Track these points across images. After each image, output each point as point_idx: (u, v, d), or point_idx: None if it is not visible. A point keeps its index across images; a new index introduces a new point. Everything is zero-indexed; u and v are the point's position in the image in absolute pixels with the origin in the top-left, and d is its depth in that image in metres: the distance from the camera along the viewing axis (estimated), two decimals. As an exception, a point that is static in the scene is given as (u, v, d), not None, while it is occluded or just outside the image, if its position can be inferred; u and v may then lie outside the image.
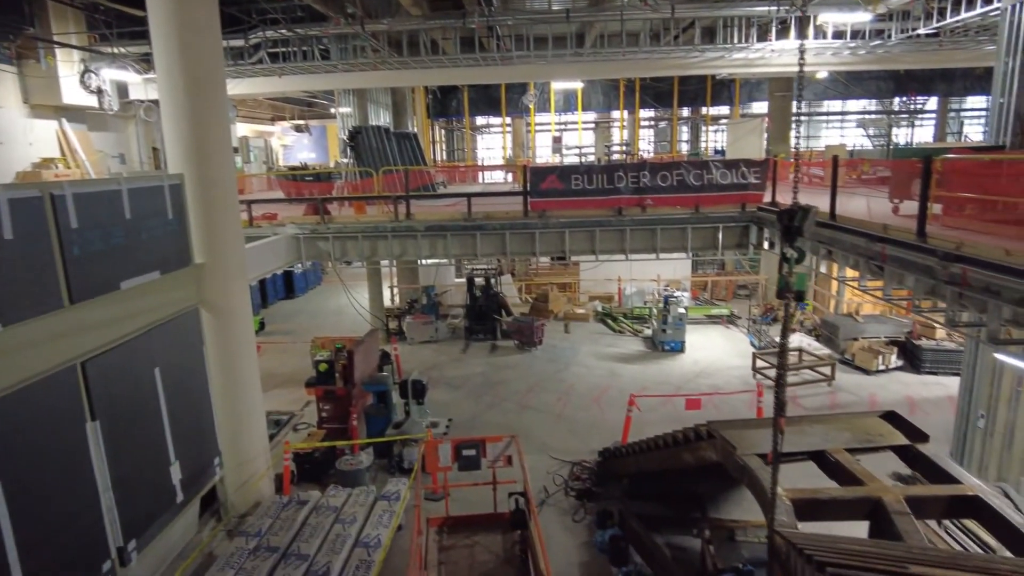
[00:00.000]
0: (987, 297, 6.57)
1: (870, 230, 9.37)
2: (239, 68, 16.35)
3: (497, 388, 16.35)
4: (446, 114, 30.69)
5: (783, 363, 4.64)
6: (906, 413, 14.73)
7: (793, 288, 4.20)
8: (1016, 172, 7.49)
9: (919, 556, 2.80)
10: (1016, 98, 10.29)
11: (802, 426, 7.54)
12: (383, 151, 18.10)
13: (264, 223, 14.45)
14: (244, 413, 10.83)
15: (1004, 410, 10.82)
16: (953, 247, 7.63)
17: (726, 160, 13.93)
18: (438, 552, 7.38)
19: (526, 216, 13.49)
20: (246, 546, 9.50)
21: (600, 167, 13.90)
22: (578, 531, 10.27)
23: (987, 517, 5.90)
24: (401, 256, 14.09)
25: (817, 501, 6.04)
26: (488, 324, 19.84)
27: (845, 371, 16.59)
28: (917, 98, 30.44)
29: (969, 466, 11.72)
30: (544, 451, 12.90)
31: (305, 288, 28.11)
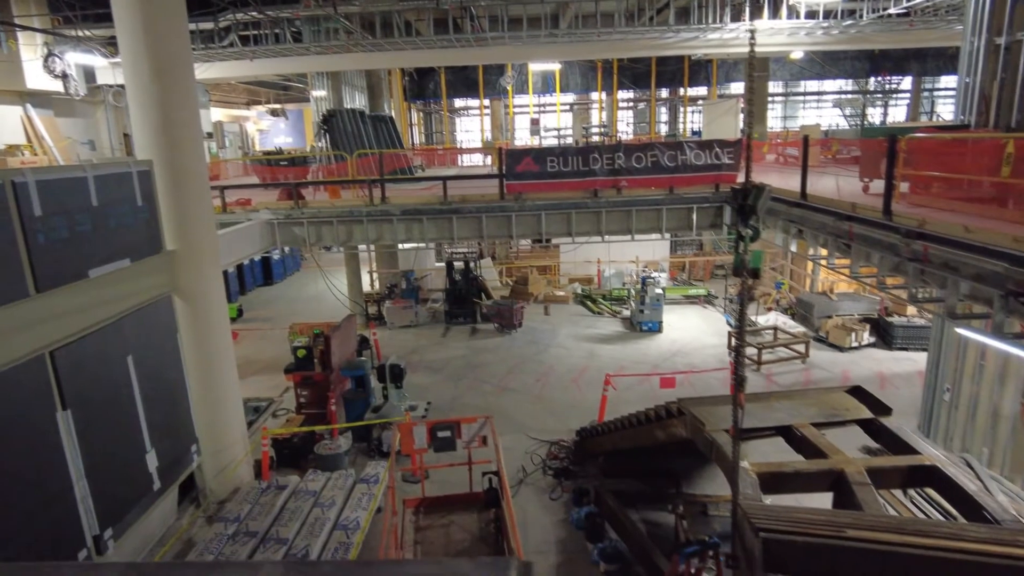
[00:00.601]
0: (946, 273, 6.73)
1: (839, 209, 9.52)
2: (209, 51, 16.08)
3: (477, 371, 16.43)
4: (423, 96, 30.43)
5: (741, 340, 4.75)
6: (877, 388, 15.16)
7: (748, 266, 4.28)
8: (975, 151, 7.63)
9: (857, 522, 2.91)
10: (981, 78, 10.46)
11: (771, 402, 7.70)
12: (358, 134, 17.94)
13: (238, 209, 14.32)
14: (221, 400, 10.81)
15: (968, 383, 11.11)
16: (916, 224, 7.79)
17: (700, 141, 14.00)
18: (414, 532, 7.47)
19: (502, 199, 13.49)
20: (225, 531, 9.55)
21: (575, 149, 13.90)
22: (555, 509, 10.42)
23: (944, 486, 6.11)
24: (377, 241, 14.05)
25: (782, 474, 6.19)
26: (468, 308, 19.87)
27: (819, 348, 16.89)
28: (891, 78, 30.71)
29: (935, 438, 12.05)
30: (523, 431, 13.03)
31: (283, 274, 27.89)
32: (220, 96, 31.64)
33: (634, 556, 8.75)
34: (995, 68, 10.14)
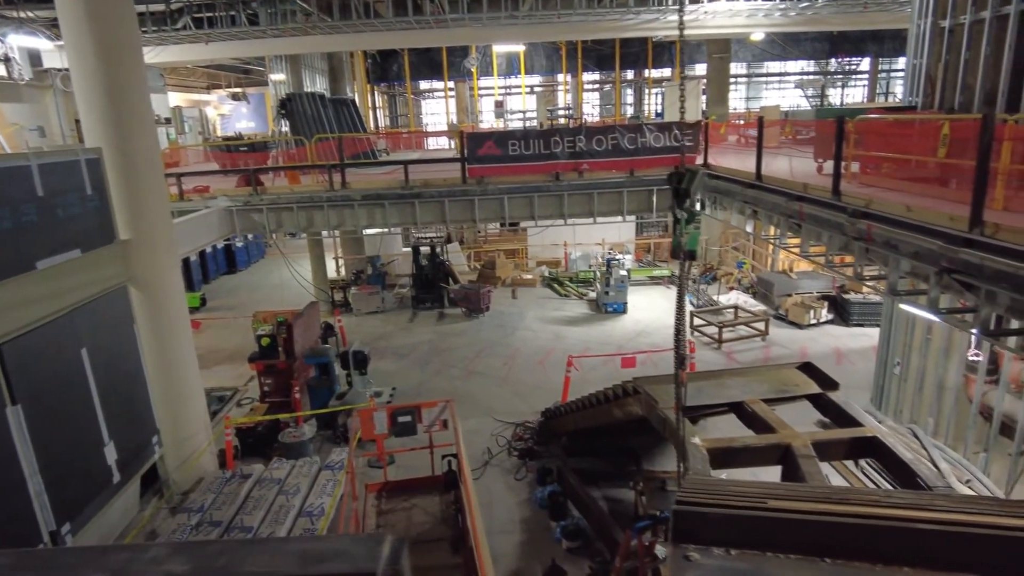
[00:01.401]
0: (888, 251, 6.95)
1: (791, 189, 9.73)
2: (161, 35, 15.65)
3: (444, 355, 16.49)
4: (387, 79, 30.03)
5: (680, 322, 4.87)
6: (833, 363, 15.59)
7: (685, 248, 4.39)
8: (916, 132, 7.86)
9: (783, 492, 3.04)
10: (927, 60, 10.73)
11: (724, 379, 7.91)
12: (318, 118, 17.69)
13: (195, 196, 14.06)
14: (181, 390, 10.70)
15: (916, 357, 11.52)
16: (863, 204, 8.01)
17: (659, 123, 14.12)
18: (376, 516, 7.54)
19: (464, 183, 13.48)
20: (188, 522, 9.50)
21: (537, 132, 13.93)
22: (520, 489, 10.59)
23: (883, 455, 6.37)
24: (339, 226, 13.94)
25: (731, 449, 6.40)
26: (435, 292, 19.87)
27: (779, 326, 17.30)
28: (850, 59, 31.22)
29: (886, 410, 12.49)
30: (489, 414, 13.16)
31: (247, 262, 27.48)
32: (178, 80, 30.83)
33: (595, 532, 8.96)
34: (940, 50, 10.41)
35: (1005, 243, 5.78)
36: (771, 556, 2.12)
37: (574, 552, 8.80)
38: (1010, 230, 5.93)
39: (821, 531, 2.17)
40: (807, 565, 2.08)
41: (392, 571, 1.12)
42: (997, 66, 9.17)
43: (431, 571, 6.56)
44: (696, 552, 2.14)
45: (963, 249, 5.89)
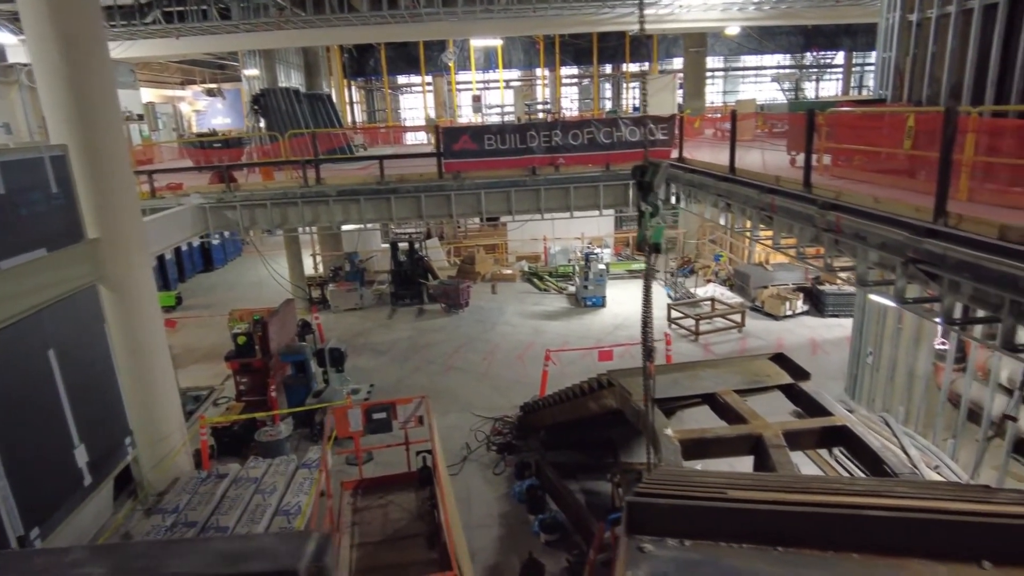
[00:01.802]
0: (856, 242, 7.04)
1: (764, 182, 9.80)
2: (131, 29, 15.36)
3: (423, 351, 16.44)
4: (364, 73, 29.75)
5: (647, 313, 4.90)
6: (809, 354, 15.79)
7: (650, 241, 4.41)
8: (884, 124, 7.96)
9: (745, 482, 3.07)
10: (895, 53, 10.87)
11: (698, 371, 7.97)
12: (293, 114, 17.49)
13: (168, 194, 13.85)
14: (155, 390, 10.55)
15: (888, 347, 11.71)
16: (833, 196, 8.10)
17: (634, 117, 14.16)
18: (352, 514, 7.51)
19: (441, 178, 13.42)
20: (163, 523, 9.39)
21: (513, 127, 13.90)
22: (498, 483, 10.61)
23: (853, 444, 6.47)
24: (313, 223, 13.82)
25: (704, 440, 6.46)
26: (414, 288, 19.79)
27: (756, 318, 17.48)
28: (825, 53, 31.53)
29: (860, 399, 12.69)
30: (468, 409, 13.15)
31: (224, 260, 27.16)
32: (151, 76, 30.25)
33: (572, 525, 9.00)
34: (908, 44, 10.55)
35: (967, 233, 5.88)
36: (724, 546, 2.14)
37: (552, 545, 8.84)
38: (972, 220, 6.03)
39: (773, 520, 2.19)
40: (759, 554, 2.10)
41: (315, 568, 1.11)
42: (963, 59, 9.33)
43: (407, 567, 6.55)
44: (650, 543, 2.15)
45: (927, 240, 5.99)
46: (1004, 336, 5.17)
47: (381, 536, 7.20)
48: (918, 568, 2.02)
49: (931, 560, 2.03)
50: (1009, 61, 8.56)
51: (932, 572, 2.00)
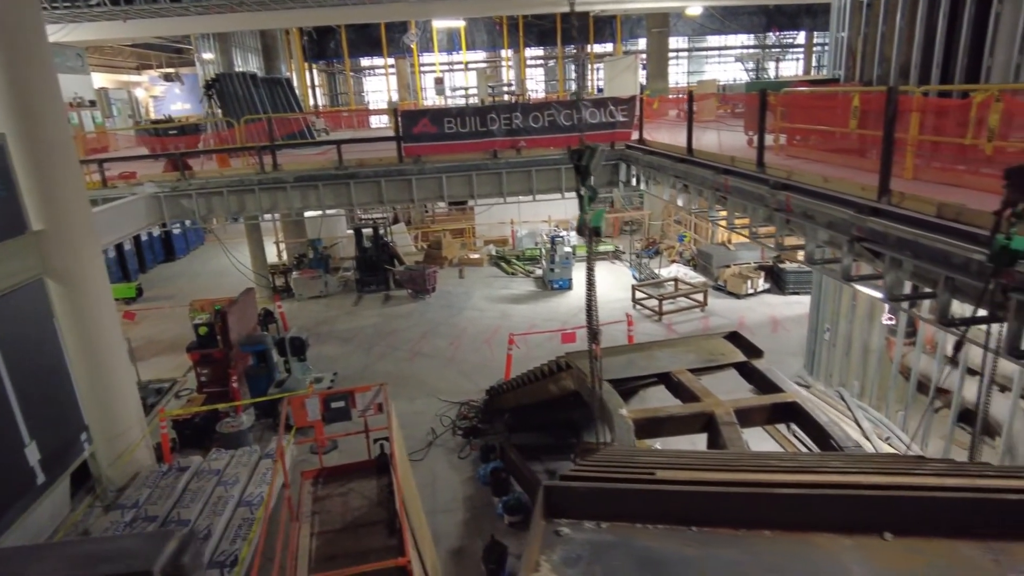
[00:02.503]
0: (805, 221, 7.16)
1: (720, 163, 9.89)
2: (74, 11, 14.79)
3: (389, 338, 16.36)
4: (325, 56, 29.19)
5: (590, 296, 4.94)
6: (770, 331, 16.06)
7: (590, 225, 4.42)
8: (833, 104, 8.07)
9: (674, 461, 3.12)
10: (848, 33, 11.00)
11: (653, 351, 8.07)
12: (250, 99, 17.09)
13: (121, 183, 13.47)
14: (111, 384, 10.35)
15: (844, 323, 11.98)
16: (785, 176, 8.21)
17: (595, 99, 14.15)
18: (312, 503, 7.48)
19: (401, 162, 13.27)
20: (122, 519, 9.29)
21: (473, 109, 13.77)
22: (463, 467, 10.66)
23: (802, 419, 6.62)
24: (272, 210, 13.58)
25: (657, 419, 6.55)
26: (380, 275, 19.63)
27: (718, 297, 17.72)
28: (787, 33, 31.80)
29: (818, 374, 12.99)
30: (434, 395, 13.15)
31: (186, 249, 26.60)
32: (103, 60, 29.26)
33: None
34: (860, 23, 10.68)
35: (908, 211, 6.02)
36: (640, 527, 2.17)
37: (516, 526, 8.93)
38: (913, 198, 6.17)
39: (688, 500, 2.23)
40: (673, 534, 2.14)
41: (172, 569, 1.09)
42: (910, 40, 9.47)
43: (367, 554, 6.55)
44: (567, 527, 2.17)
45: (870, 218, 6.11)
46: (940, 311, 5.31)
47: (341, 524, 7.18)
48: (824, 541, 2.07)
49: (837, 533, 2.10)
50: (953, 41, 8.72)
51: (837, 545, 2.06)
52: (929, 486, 2.28)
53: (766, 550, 2.05)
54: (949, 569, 1.92)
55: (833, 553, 2.02)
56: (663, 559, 2.03)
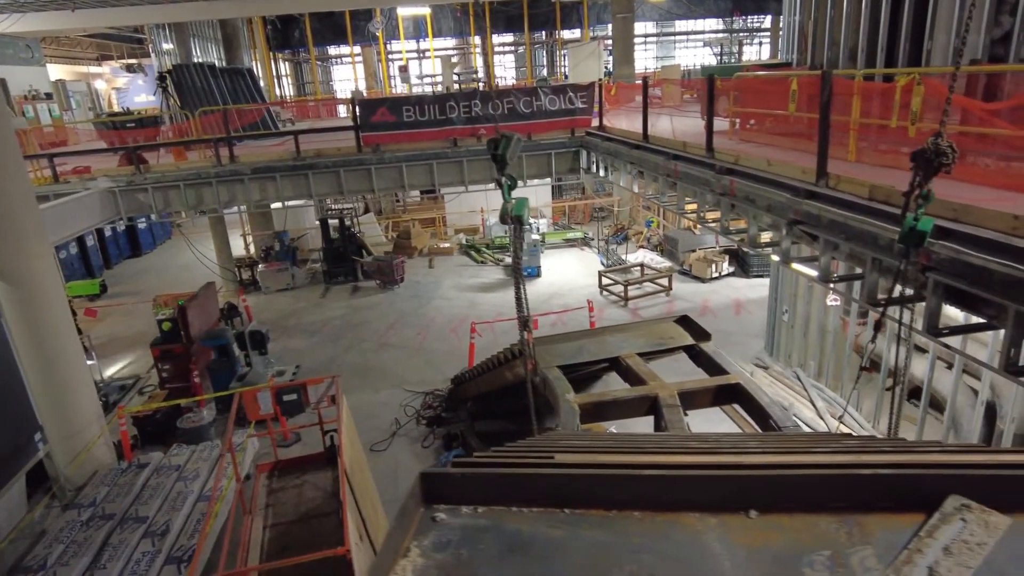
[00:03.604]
0: (747, 205, 7.25)
1: (673, 148, 9.94)
2: (19, 1, 14.40)
3: (357, 329, 16.31)
4: (290, 45, 28.74)
5: (518, 287, 4.98)
6: (733, 314, 16.25)
7: (512, 214, 4.44)
8: (780, 88, 8.14)
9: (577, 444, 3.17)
10: (799, 17, 11.09)
11: (605, 336, 8.15)
12: (209, 91, 16.80)
13: (74, 178, 13.21)
14: (66, 383, 10.20)
15: (801, 304, 12.17)
16: (733, 160, 8.29)
17: (554, 86, 14.14)
18: (267, 495, 7.48)
19: (360, 152, 13.16)
20: (79, 518, 9.19)
21: (432, 97, 13.68)
22: (426, 456, 10.70)
23: (745, 400, 6.74)
24: (230, 203, 13.41)
25: (602, 403, 6.65)
26: (347, 266, 19.51)
27: (684, 281, 17.89)
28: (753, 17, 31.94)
29: (777, 355, 13.20)
30: (400, 385, 13.15)
31: (153, 244, 26.20)
32: (60, 51, 28.52)
33: (494, 493, 9.15)
34: (811, 7, 10.76)
35: (843, 194, 6.12)
36: (515, 511, 2.21)
37: (475, 513, 8.98)
38: (849, 181, 6.28)
39: (560, 483, 2.27)
40: (546, 517, 2.18)
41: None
42: (857, 23, 9.57)
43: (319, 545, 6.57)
44: (444, 513, 2.21)
45: (806, 201, 6.20)
46: (868, 291, 5.43)
47: (295, 516, 7.21)
48: (691, 521, 2.13)
49: (705, 513, 2.15)
50: (897, 25, 8.83)
51: (703, 524, 2.12)
52: (791, 464, 2.35)
53: (633, 531, 2.10)
54: (802, 544, 1.98)
55: (698, 532, 2.07)
56: (530, 541, 2.07)
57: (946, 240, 4.59)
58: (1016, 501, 2.09)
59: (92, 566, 8.23)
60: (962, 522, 2.06)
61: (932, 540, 2.01)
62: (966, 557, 1.93)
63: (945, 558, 1.93)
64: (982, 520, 2.06)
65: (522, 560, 2.02)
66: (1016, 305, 4.00)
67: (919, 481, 2.14)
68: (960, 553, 1.94)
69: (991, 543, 1.98)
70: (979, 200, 5.00)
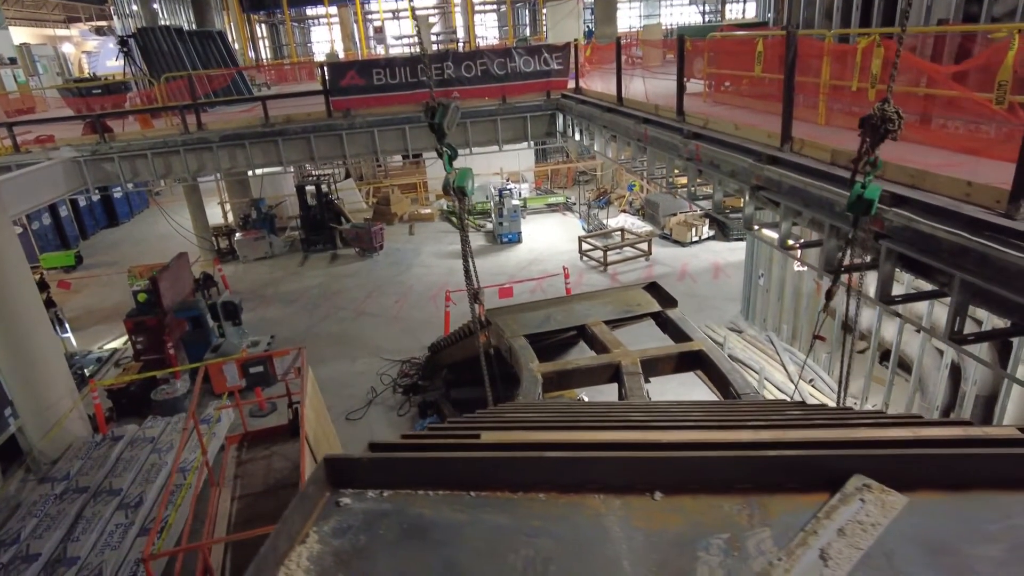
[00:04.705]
0: (712, 170, 7.15)
1: (645, 111, 9.76)
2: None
3: (334, 298, 16.21)
4: (264, 6, 27.87)
5: (466, 258, 4.91)
6: (711, 278, 16.26)
7: (454, 185, 4.34)
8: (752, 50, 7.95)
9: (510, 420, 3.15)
10: (776, -26, 10.82)
11: (572, 304, 8.11)
12: (177, 55, 16.30)
13: (36, 148, 12.87)
14: (34, 358, 10.13)
15: (777, 269, 12.18)
16: (702, 124, 8.16)
17: (528, 47, 13.80)
18: (236, 467, 7.50)
19: (330, 117, 12.86)
20: (53, 491, 9.22)
21: (402, 60, 13.34)
22: (401, 424, 10.76)
23: (708, 367, 6.75)
24: (199, 171, 13.11)
25: (565, 372, 6.63)
26: (326, 234, 19.31)
27: (664, 245, 17.85)
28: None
29: (753, 319, 13.26)
30: (377, 354, 13.14)
31: (129, 214, 25.77)
32: (23, 12, 27.55)
33: (466, 460, 9.23)
34: (787, -36, 10.48)
35: (805, 159, 6.03)
36: (422, 494, 2.19)
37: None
38: (812, 145, 6.18)
39: (466, 466, 2.24)
40: (451, 500, 2.15)
41: None
42: (832, -20, 9.33)
43: (285, 516, 6.60)
44: (349, 498, 2.18)
45: (767, 167, 6.12)
46: (826, 258, 5.40)
47: (263, 487, 7.24)
48: (596, 503, 2.11)
49: (610, 494, 2.13)
50: (872, -18, 8.61)
51: (607, 506, 2.10)
52: (699, 443, 2.33)
53: (536, 513, 2.08)
54: (702, 526, 1.97)
55: (600, 515, 2.05)
56: (431, 526, 2.04)
57: (899, 208, 4.54)
58: (916, 479, 2.08)
59: (66, 539, 8.28)
60: (860, 503, 2.05)
61: (828, 521, 2.00)
62: (858, 538, 1.91)
63: (838, 539, 1.92)
64: (880, 500, 2.04)
65: (419, 546, 1.99)
66: (961, 273, 3.97)
67: (824, 461, 2.13)
68: (853, 534, 1.93)
69: (885, 523, 1.97)
70: (941, 166, 4.94)
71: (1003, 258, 3.68)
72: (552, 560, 1.89)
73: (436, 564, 1.92)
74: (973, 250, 3.87)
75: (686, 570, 1.83)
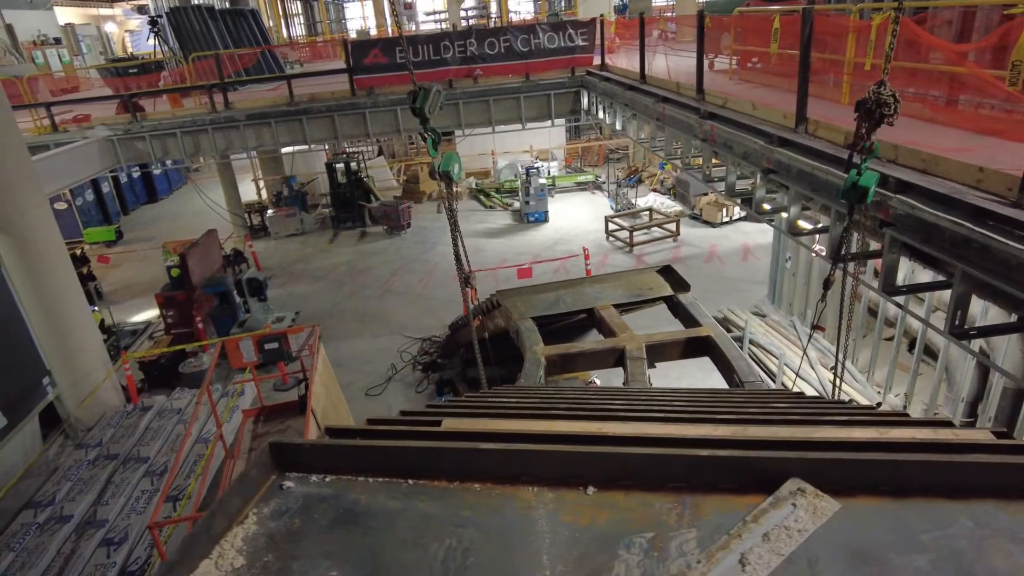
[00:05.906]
0: (726, 152, 6.97)
1: (667, 89, 9.55)
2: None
3: (361, 276, 16.43)
4: (298, -17, 28.05)
5: (456, 243, 4.91)
6: (740, 260, 15.93)
7: (440, 170, 4.33)
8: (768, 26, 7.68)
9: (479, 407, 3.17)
10: (808, -57, 10.35)
11: (583, 287, 8.07)
12: (209, 35, 16.52)
13: (73, 127, 13.28)
14: (70, 329, 10.56)
15: (804, 252, 11.84)
16: (721, 103, 7.94)
17: (553, 23, 13.56)
18: (251, 440, 7.73)
19: (353, 95, 12.92)
20: (86, 457, 9.68)
21: (425, 37, 13.28)
22: (419, 401, 10.91)
23: (715, 354, 6.66)
24: (227, 150, 13.36)
25: (569, 355, 6.63)
26: (355, 211, 19.51)
27: (693, 226, 17.52)
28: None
29: (779, 303, 12.98)
30: (399, 331, 13.31)
31: (168, 190, 26.46)
32: (69, -7, 28.23)
33: (479, 439, 9.34)
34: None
35: (818, 141, 5.83)
36: (361, 480, 2.23)
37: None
38: (827, 127, 5.97)
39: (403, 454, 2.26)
40: (389, 487, 2.19)
41: None
42: (866, -50, 8.90)
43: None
44: (293, 481, 2.23)
45: (777, 149, 5.93)
46: (833, 245, 5.23)
47: (276, 461, 7.42)
48: (529, 495, 2.12)
49: (544, 487, 2.14)
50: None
51: (540, 499, 2.10)
52: (633, 438, 2.31)
53: (468, 504, 2.10)
54: (628, 524, 1.95)
55: (530, 508, 2.06)
56: (364, 512, 2.08)
57: (904, 194, 4.36)
58: (856, 483, 2.03)
59: (96, 502, 8.71)
60: (792, 507, 2.01)
61: (755, 525, 1.97)
62: (781, 544, 1.88)
63: (761, 544, 1.90)
64: (811, 505, 2.01)
65: (350, 532, 2.04)
66: (963, 265, 3.81)
67: (760, 463, 2.09)
68: (777, 540, 1.90)
69: (812, 529, 1.93)
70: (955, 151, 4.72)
71: (1005, 250, 3.52)
72: (472, 551, 1.91)
73: (362, 551, 1.96)
74: (975, 240, 3.71)
75: (602, 568, 1.83)
